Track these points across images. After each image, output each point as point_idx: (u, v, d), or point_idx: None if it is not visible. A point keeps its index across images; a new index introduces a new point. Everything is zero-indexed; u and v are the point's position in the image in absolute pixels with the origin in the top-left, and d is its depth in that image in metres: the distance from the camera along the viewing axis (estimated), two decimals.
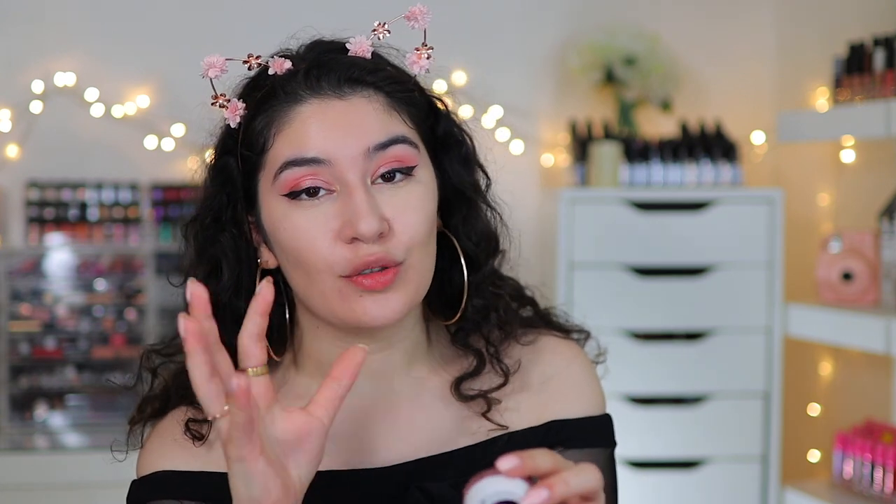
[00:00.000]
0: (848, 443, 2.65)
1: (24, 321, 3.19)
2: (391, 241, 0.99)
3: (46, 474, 2.92)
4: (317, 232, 0.99)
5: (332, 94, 1.01)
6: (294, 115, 1.00)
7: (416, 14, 1.03)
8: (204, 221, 1.07)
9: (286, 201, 1.00)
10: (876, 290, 2.74)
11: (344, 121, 1.00)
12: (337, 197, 0.99)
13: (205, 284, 0.94)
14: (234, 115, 1.04)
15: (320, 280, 1.00)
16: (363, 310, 1.00)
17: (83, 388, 3.19)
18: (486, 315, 1.11)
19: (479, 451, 1.08)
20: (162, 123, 3.26)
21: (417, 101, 1.05)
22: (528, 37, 3.38)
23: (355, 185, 0.98)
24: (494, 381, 1.10)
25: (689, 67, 3.36)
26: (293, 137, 1.00)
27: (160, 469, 1.07)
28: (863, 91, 2.65)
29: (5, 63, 3.23)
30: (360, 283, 0.99)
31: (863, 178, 3.03)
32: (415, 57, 1.04)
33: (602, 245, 2.95)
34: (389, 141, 1.00)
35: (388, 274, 0.99)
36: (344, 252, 0.99)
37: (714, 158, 3.08)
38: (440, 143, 1.08)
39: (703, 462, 2.97)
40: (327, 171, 0.99)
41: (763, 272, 2.95)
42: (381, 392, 1.09)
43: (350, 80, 1.01)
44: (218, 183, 1.06)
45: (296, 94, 1.01)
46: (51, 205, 3.23)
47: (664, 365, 2.96)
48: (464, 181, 1.10)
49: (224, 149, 1.06)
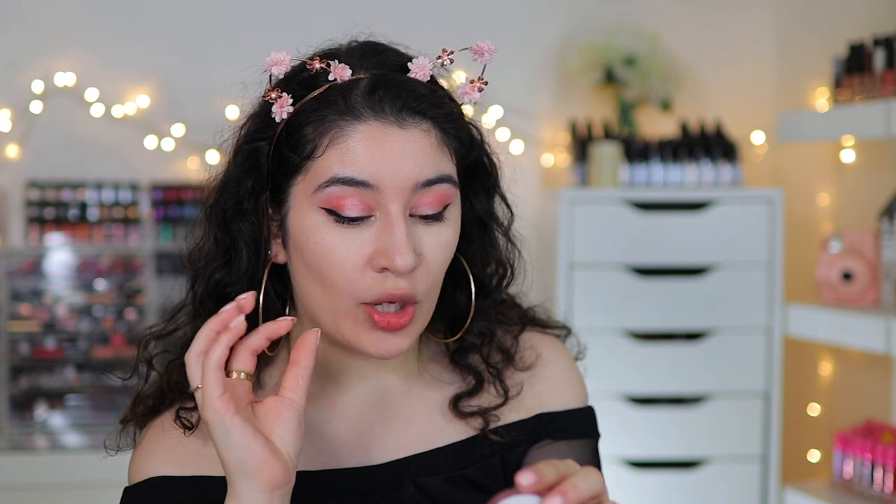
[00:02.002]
0: (848, 443, 2.65)
1: (24, 321, 3.19)
2: (417, 278, 0.99)
3: (46, 474, 2.92)
4: (348, 254, 0.98)
5: (392, 120, 0.98)
6: (351, 131, 0.98)
7: (485, 50, 1.03)
8: (226, 205, 1.05)
9: (325, 215, 0.99)
10: (876, 290, 2.74)
11: (399, 150, 0.98)
12: (374, 222, 0.98)
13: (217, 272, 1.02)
14: (281, 109, 1.01)
15: (338, 300, 0.99)
16: (371, 343, 1.00)
17: (83, 388, 3.19)
18: (489, 338, 1.12)
19: (470, 447, 1.09)
20: (162, 123, 3.26)
21: (463, 137, 1.04)
22: (528, 37, 3.38)
23: (397, 217, 0.97)
24: (493, 400, 1.11)
25: (689, 67, 3.36)
26: (346, 155, 0.98)
27: (153, 475, 1.06)
28: (863, 91, 2.65)
29: (5, 63, 3.23)
30: (373, 317, 0.99)
31: (863, 178, 3.03)
32: (468, 87, 1.03)
33: (602, 245, 2.95)
34: (437, 179, 0.99)
35: (406, 317, 0.99)
36: (372, 281, 0.98)
37: (714, 158, 3.08)
38: (468, 169, 1.08)
39: (703, 462, 2.97)
40: (373, 196, 0.98)
41: (763, 272, 2.95)
42: (373, 393, 1.10)
43: (413, 110, 0.99)
44: (245, 167, 1.04)
45: (355, 110, 0.99)
46: (51, 205, 3.23)
47: (664, 365, 2.96)
48: (486, 211, 1.10)
49: (257, 135, 1.04)
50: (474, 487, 1.08)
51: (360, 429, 1.09)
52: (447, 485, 1.07)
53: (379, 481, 1.07)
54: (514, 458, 1.10)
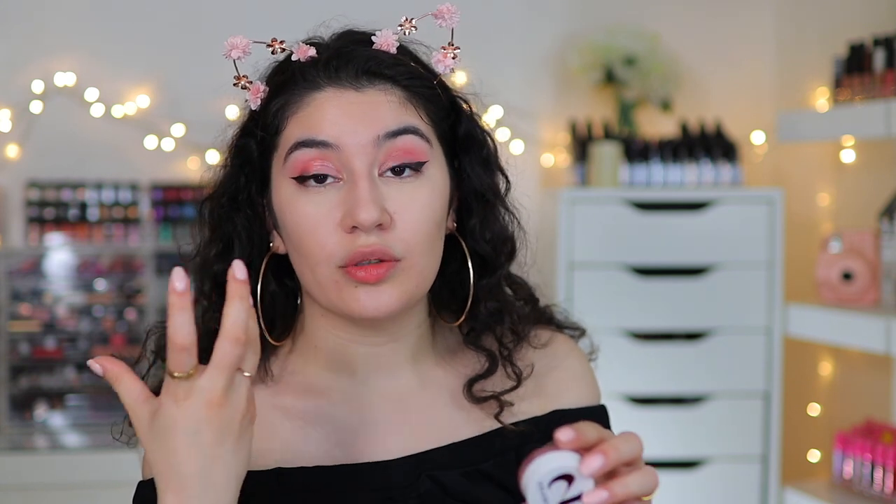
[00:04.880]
0: (848, 443, 2.65)
1: (24, 321, 3.19)
2: (391, 235, 1.00)
3: (46, 474, 2.92)
4: (320, 219, 1.00)
5: (349, 84, 1.02)
6: (310, 100, 1.02)
7: (445, 13, 1.04)
8: (220, 199, 1.08)
9: (294, 185, 1.01)
10: (876, 290, 2.74)
11: (357, 110, 1.01)
12: (343, 186, 1.00)
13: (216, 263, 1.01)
14: (255, 97, 1.06)
15: (319, 270, 1.01)
16: (356, 301, 1.00)
17: (83, 388, 3.19)
18: (499, 318, 1.11)
19: (486, 442, 1.09)
20: (162, 123, 3.26)
21: (437, 99, 1.06)
22: (528, 37, 3.38)
23: (360, 174, 0.99)
24: (507, 384, 1.10)
25: (689, 67, 3.36)
26: (306, 120, 1.01)
27: None
28: (863, 91, 2.65)
29: (5, 63, 3.23)
30: (354, 275, 1.00)
31: (863, 177, 3.03)
32: (440, 56, 1.05)
33: (602, 245, 2.95)
34: (400, 130, 1.01)
35: (382, 268, 0.99)
36: (342, 240, 0.99)
37: (714, 158, 3.08)
38: (461, 143, 1.09)
39: (703, 462, 2.97)
40: (336, 157, 1.00)
41: (763, 272, 2.95)
42: (388, 385, 1.09)
43: (368, 72, 1.02)
44: (237, 163, 1.07)
45: (314, 81, 1.02)
46: (51, 205, 3.23)
47: (664, 365, 2.96)
48: (483, 183, 1.10)
49: (245, 130, 1.07)
50: (491, 482, 1.07)
51: (375, 422, 1.08)
52: (464, 479, 1.07)
53: (395, 476, 1.06)
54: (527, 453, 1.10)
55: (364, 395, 1.09)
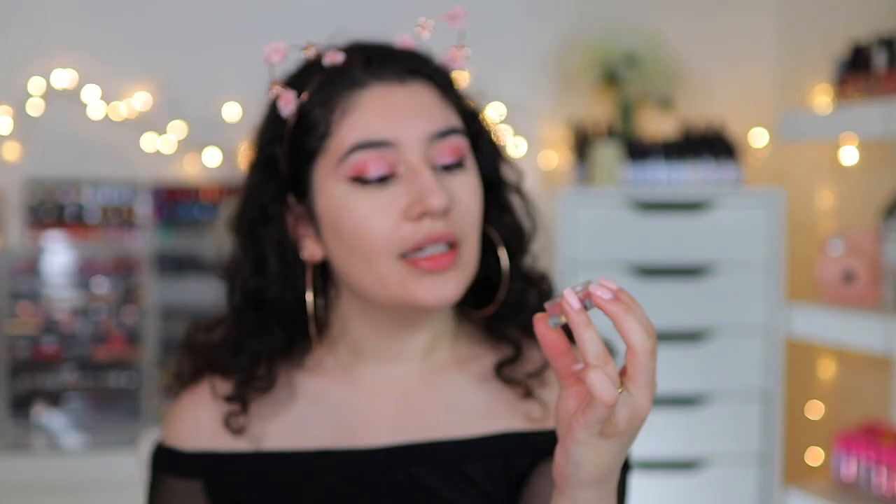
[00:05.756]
0: (849, 443, 2.65)
1: (23, 321, 3.19)
2: (454, 219, 1.03)
3: (46, 474, 2.92)
4: (383, 212, 1.01)
5: (394, 80, 1.04)
6: (358, 99, 1.03)
7: (458, 14, 1.07)
8: (250, 215, 1.09)
9: (350, 184, 1.02)
10: (876, 290, 2.74)
11: (407, 105, 1.03)
12: (400, 179, 1.02)
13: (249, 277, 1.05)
14: (287, 104, 1.06)
15: (379, 263, 1.02)
16: (422, 290, 1.02)
17: (82, 389, 3.18)
18: (521, 305, 1.13)
19: (476, 444, 1.09)
20: (161, 123, 3.26)
21: (461, 98, 1.10)
22: (528, 37, 3.38)
23: (421, 165, 1.02)
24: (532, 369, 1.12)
25: (689, 67, 3.36)
26: (360, 121, 1.03)
27: (186, 449, 1.11)
28: (864, 91, 2.65)
29: (5, 63, 3.23)
30: (419, 265, 1.02)
31: (864, 178, 3.03)
32: (452, 55, 1.09)
33: (602, 245, 2.94)
34: (449, 130, 1.05)
35: (449, 257, 1.02)
36: (411, 230, 1.01)
37: (715, 158, 3.08)
38: (474, 139, 1.12)
39: (703, 462, 2.97)
40: (394, 154, 1.02)
41: (763, 272, 2.95)
42: (394, 377, 1.11)
43: (410, 70, 1.05)
44: (264, 174, 1.08)
45: (357, 80, 1.04)
46: (50, 205, 3.22)
47: (664, 365, 2.94)
48: (496, 175, 1.13)
49: (271, 140, 1.08)
50: (470, 485, 1.07)
51: (371, 411, 1.10)
52: (441, 477, 1.07)
53: (371, 465, 1.08)
54: (518, 465, 1.09)
55: (368, 384, 1.11)
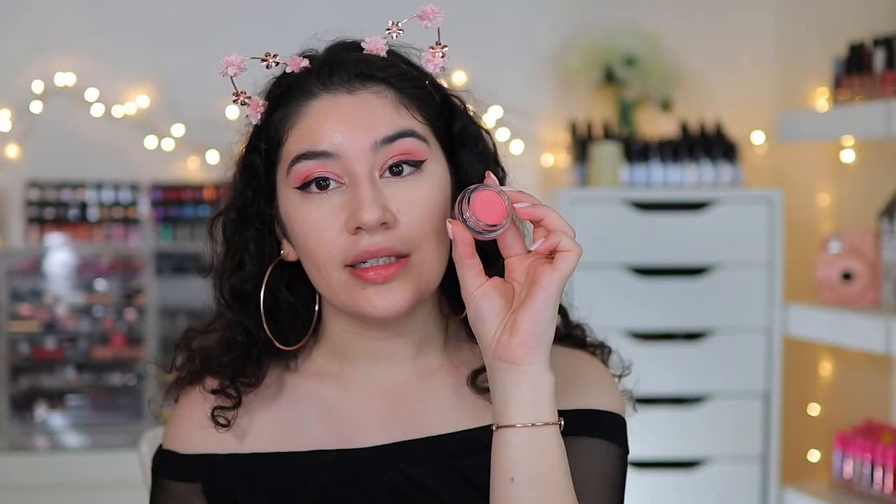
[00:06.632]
0: (848, 443, 2.65)
1: (24, 321, 3.19)
2: (395, 233, 1.02)
3: (46, 474, 2.92)
4: (325, 224, 1.02)
5: (342, 89, 1.04)
6: (307, 109, 1.04)
7: (429, 13, 1.06)
8: (230, 216, 1.11)
9: (299, 194, 1.04)
10: (876, 290, 2.74)
11: (353, 115, 1.03)
12: (346, 190, 1.03)
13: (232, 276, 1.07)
14: (255, 112, 1.08)
15: (327, 272, 1.04)
16: (367, 301, 1.03)
17: (83, 388, 3.18)
18: None
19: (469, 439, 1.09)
20: (162, 123, 3.26)
21: (430, 98, 1.08)
22: (528, 37, 3.38)
23: (361, 177, 1.02)
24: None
25: (689, 67, 3.36)
26: (305, 132, 1.04)
27: (184, 451, 1.12)
28: (863, 91, 2.65)
29: (5, 63, 3.23)
30: (363, 276, 1.02)
31: (863, 178, 3.03)
32: (429, 55, 1.07)
33: (602, 245, 2.95)
34: (397, 134, 1.03)
35: (392, 267, 1.02)
36: (348, 242, 1.02)
37: (714, 158, 3.08)
38: (457, 139, 1.11)
39: (703, 462, 2.97)
40: (337, 164, 1.02)
41: (763, 272, 2.95)
42: (386, 377, 1.11)
43: (360, 75, 1.05)
44: (245, 179, 1.10)
45: (309, 89, 1.05)
46: (51, 205, 3.22)
47: (664, 365, 2.96)
48: (480, 177, 1.11)
49: (250, 146, 1.10)
50: (463, 480, 1.08)
51: (364, 412, 1.11)
52: (434, 475, 1.07)
53: (365, 464, 1.08)
54: None
55: (360, 385, 1.11)
